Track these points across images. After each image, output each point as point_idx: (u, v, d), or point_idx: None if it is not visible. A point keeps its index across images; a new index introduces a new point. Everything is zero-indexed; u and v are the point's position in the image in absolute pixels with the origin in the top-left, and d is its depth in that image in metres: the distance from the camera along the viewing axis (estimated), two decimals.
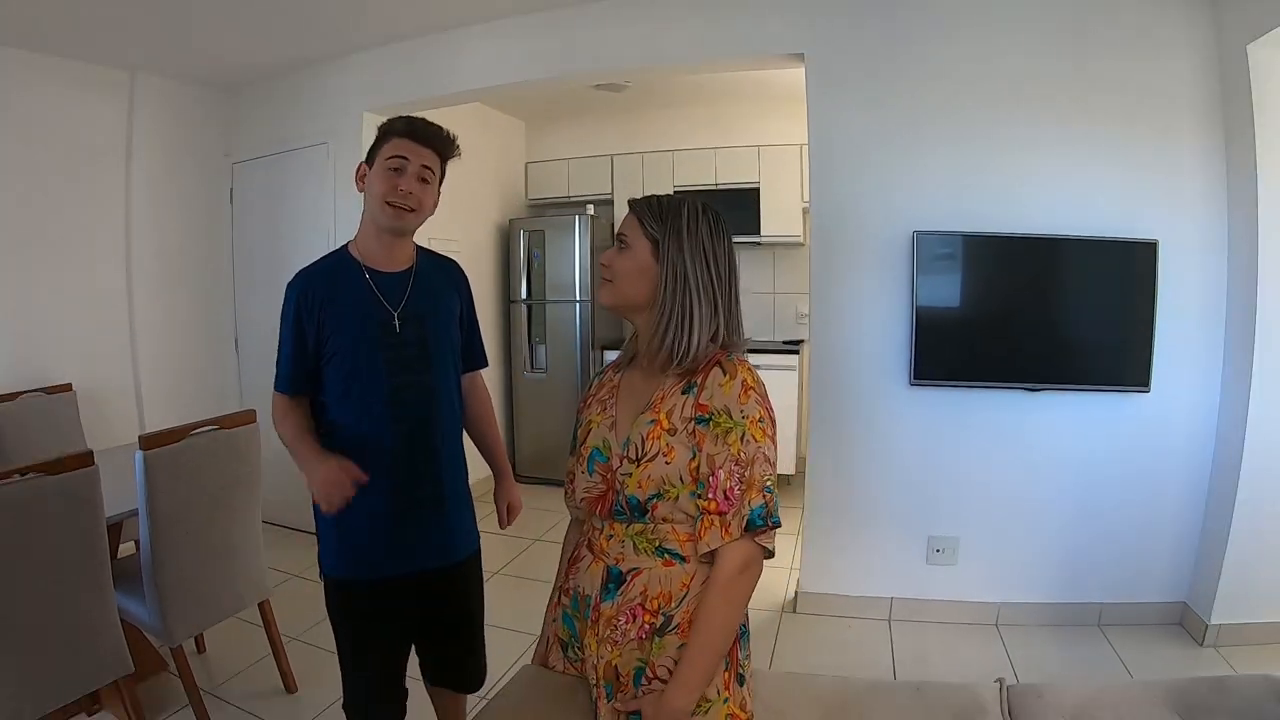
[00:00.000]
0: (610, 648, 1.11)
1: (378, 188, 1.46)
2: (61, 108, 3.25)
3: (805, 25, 2.77)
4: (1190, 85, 2.51)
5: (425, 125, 1.48)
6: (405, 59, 3.38)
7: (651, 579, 1.10)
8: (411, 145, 1.46)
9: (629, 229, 1.15)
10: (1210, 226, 2.55)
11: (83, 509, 1.73)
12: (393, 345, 1.48)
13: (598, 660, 1.13)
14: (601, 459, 1.14)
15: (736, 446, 1.04)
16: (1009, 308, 2.70)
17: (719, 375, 1.10)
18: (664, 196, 1.17)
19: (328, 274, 1.51)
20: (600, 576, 1.14)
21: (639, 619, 1.10)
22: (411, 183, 1.45)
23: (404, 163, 1.45)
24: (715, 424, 1.06)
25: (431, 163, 1.48)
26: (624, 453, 1.11)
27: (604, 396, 1.22)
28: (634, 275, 1.13)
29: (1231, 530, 2.47)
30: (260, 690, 2.35)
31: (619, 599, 1.11)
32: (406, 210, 1.47)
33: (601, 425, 1.17)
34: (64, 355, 3.27)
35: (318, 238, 3.68)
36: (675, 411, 1.10)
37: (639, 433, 1.10)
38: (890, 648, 2.63)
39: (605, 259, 1.16)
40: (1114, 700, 1.28)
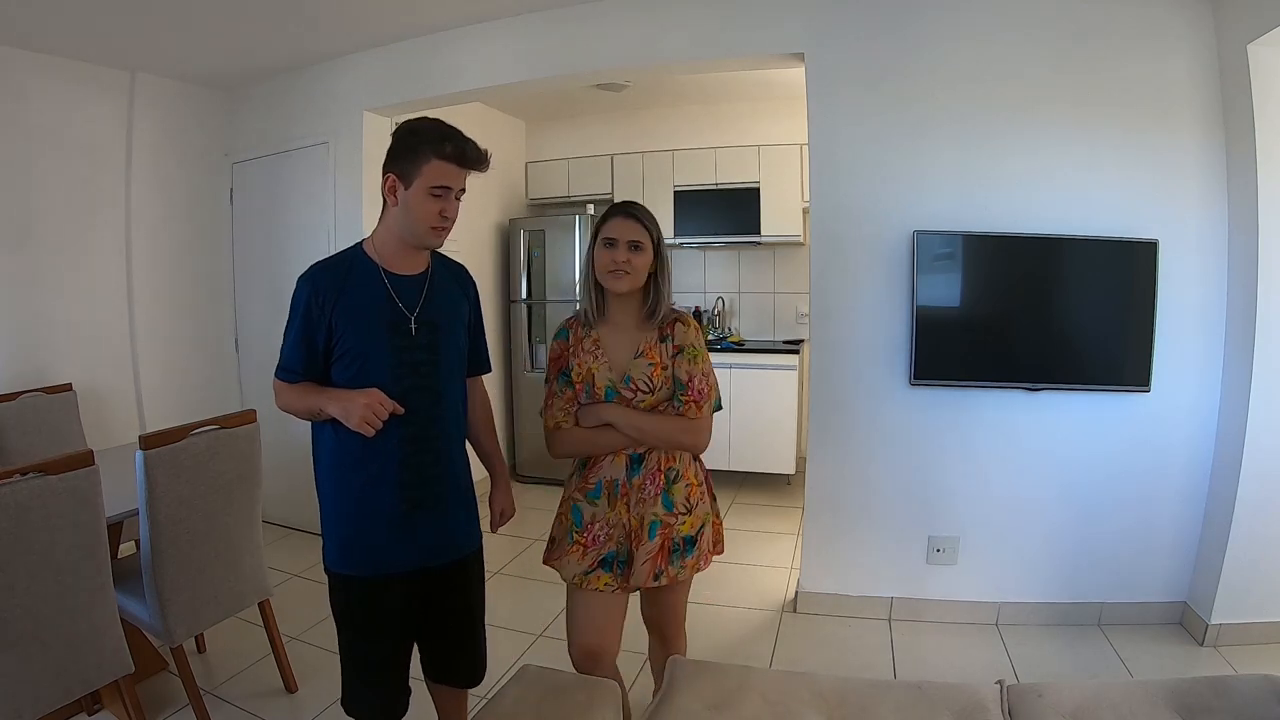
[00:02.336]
0: (641, 506, 1.67)
1: (420, 213, 1.44)
2: (61, 107, 3.25)
3: (805, 25, 2.77)
4: (1190, 84, 2.51)
5: (472, 148, 1.45)
6: (405, 59, 3.38)
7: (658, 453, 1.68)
8: (456, 171, 1.44)
9: (640, 235, 1.63)
10: (1210, 226, 2.55)
11: (83, 509, 1.73)
12: (405, 348, 1.48)
13: (630, 520, 1.67)
14: (613, 394, 1.66)
15: (702, 365, 1.68)
16: (1009, 307, 2.70)
17: (681, 326, 1.69)
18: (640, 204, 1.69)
19: (343, 271, 1.49)
20: (624, 463, 1.68)
21: (655, 480, 1.68)
22: (453, 207, 1.46)
23: (448, 190, 1.44)
24: (685, 354, 1.67)
25: (465, 182, 1.49)
26: (631, 387, 1.65)
27: (589, 349, 1.68)
28: (643, 268, 1.64)
29: (1232, 530, 2.47)
30: (260, 690, 2.35)
31: (642, 472, 1.68)
32: (446, 231, 1.48)
33: (602, 370, 1.66)
34: (64, 355, 3.27)
35: (318, 238, 3.68)
36: (661, 354, 1.67)
37: (643, 374, 1.65)
38: (890, 647, 2.63)
39: (623, 258, 1.62)
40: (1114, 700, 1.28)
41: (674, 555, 1.67)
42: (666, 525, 1.66)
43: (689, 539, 1.68)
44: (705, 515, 1.74)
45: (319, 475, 1.55)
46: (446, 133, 1.44)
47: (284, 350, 1.52)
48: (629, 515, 1.67)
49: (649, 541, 1.65)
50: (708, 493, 1.78)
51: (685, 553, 1.68)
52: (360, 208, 3.52)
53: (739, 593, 3.07)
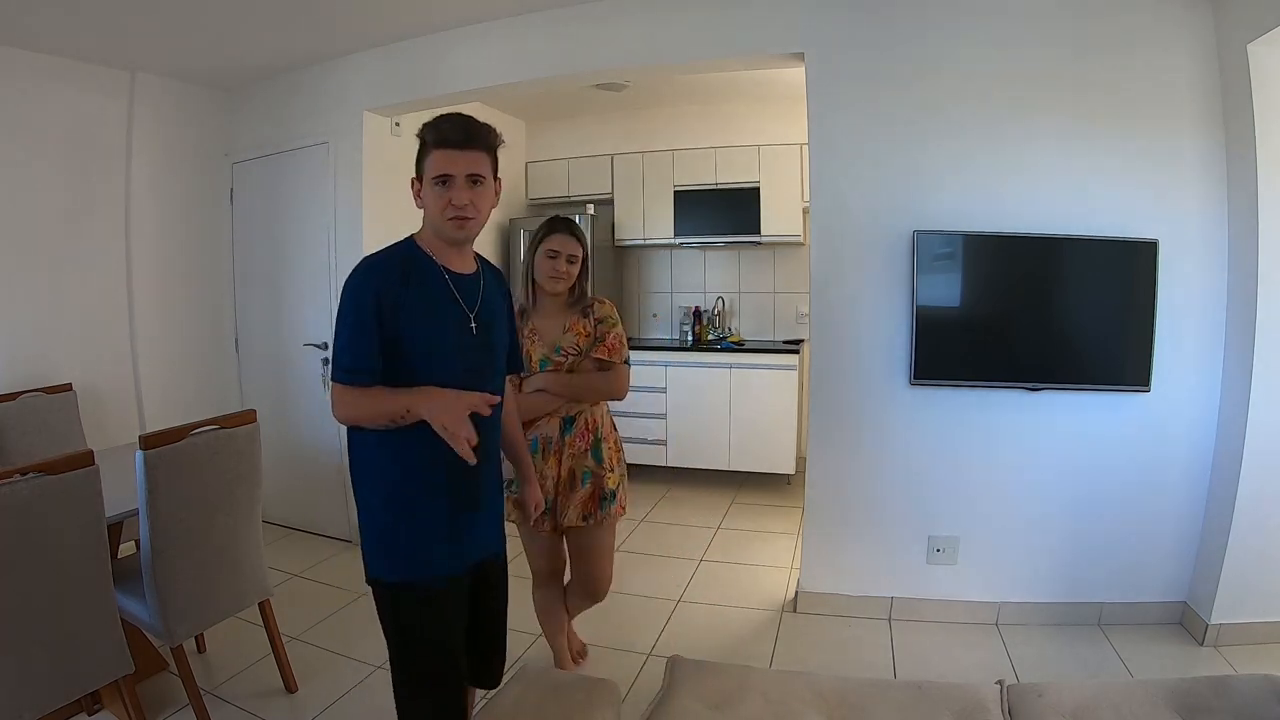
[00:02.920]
0: (573, 460, 2.09)
1: (431, 206, 1.42)
2: (61, 107, 3.25)
3: (805, 24, 2.77)
4: (1190, 84, 2.51)
5: (454, 128, 1.40)
6: (405, 58, 3.38)
7: (585, 414, 2.12)
8: (450, 154, 1.39)
9: (577, 250, 2.07)
10: (1210, 226, 2.55)
11: (83, 509, 1.73)
12: (468, 347, 1.46)
13: (560, 473, 2.08)
14: (547, 364, 2.07)
15: (615, 329, 2.12)
16: (1009, 307, 2.70)
17: (599, 305, 2.14)
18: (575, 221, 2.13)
19: (402, 265, 1.43)
20: (558, 425, 2.08)
21: (585, 437, 2.11)
22: (462, 193, 1.40)
23: (449, 177, 1.39)
24: (605, 323, 2.12)
25: (477, 164, 1.41)
26: (562, 354, 2.07)
27: (528, 336, 2.08)
28: (575, 274, 2.10)
29: (1232, 529, 2.47)
30: (261, 690, 2.35)
31: (574, 430, 2.09)
32: (465, 219, 1.42)
33: (537, 349, 2.07)
34: (64, 355, 3.27)
35: (318, 238, 3.68)
36: (585, 326, 2.11)
37: (570, 342, 2.08)
38: (890, 647, 2.63)
39: (563, 268, 2.05)
40: (1114, 700, 1.28)
41: (602, 503, 2.11)
42: (598, 476, 2.11)
43: (612, 492, 2.13)
44: (622, 476, 2.19)
45: (361, 484, 1.49)
46: (439, 119, 1.41)
47: (347, 352, 1.40)
48: (560, 469, 2.08)
49: (581, 489, 2.09)
50: (621, 459, 2.22)
51: (610, 502, 2.12)
52: (360, 208, 3.52)
53: (739, 593, 3.07)
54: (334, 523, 3.75)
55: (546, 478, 2.06)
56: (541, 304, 2.11)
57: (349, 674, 2.44)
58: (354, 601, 2.98)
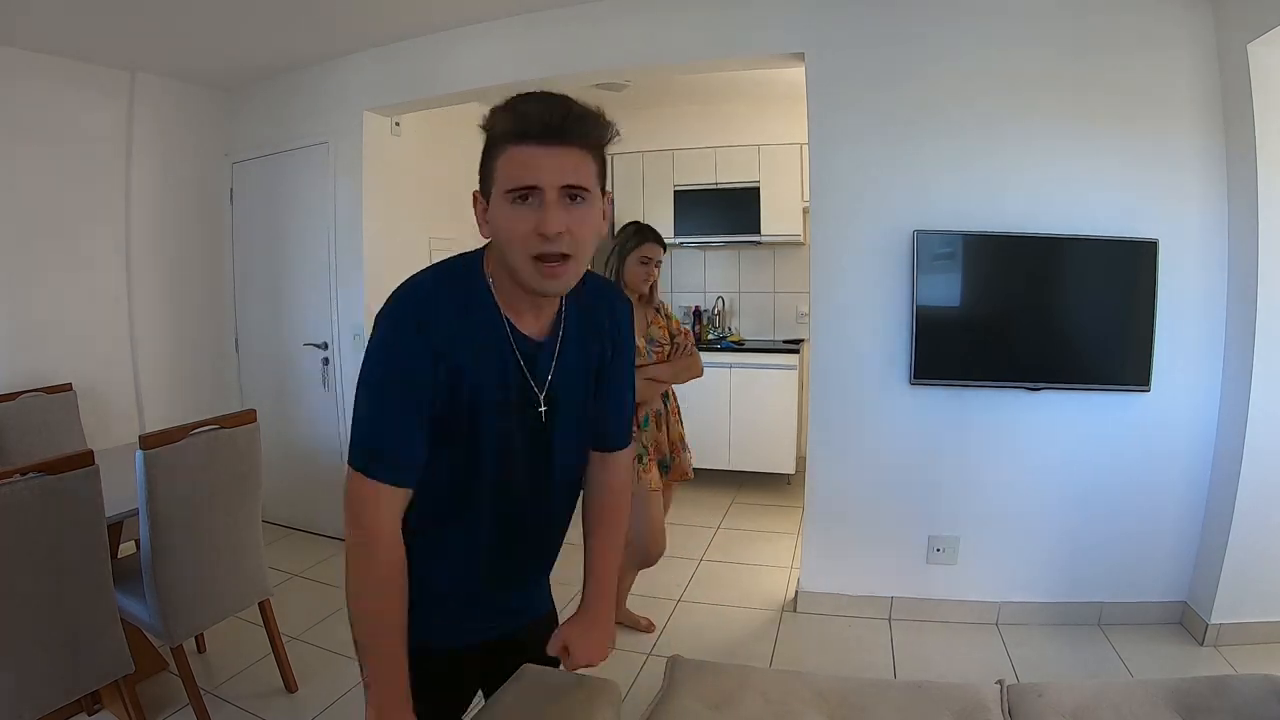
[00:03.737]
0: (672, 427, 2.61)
1: (506, 235, 0.94)
2: (61, 107, 3.25)
3: (805, 24, 2.77)
4: (1190, 84, 2.51)
5: (544, 110, 0.93)
6: (405, 58, 3.38)
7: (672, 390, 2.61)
8: (534, 152, 0.91)
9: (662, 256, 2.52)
10: (1210, 226, 2.55)
11: (83, 509, 1.73)
12: (517, 430, 1.04)
13: (671, 435, 2.59)
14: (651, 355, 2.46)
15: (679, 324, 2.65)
16: (1009, 307, 2.70)
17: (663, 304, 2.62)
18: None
19: (459, 315, 0.98)
20: (660, 398, 2.54)
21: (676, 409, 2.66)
22: (555, 216, 0.91)
23: (533, 190, 0.92)
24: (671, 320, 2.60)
25: (578, 169, 0.94)
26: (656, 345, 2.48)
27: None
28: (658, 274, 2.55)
29: (1232, 529, 2.47)
30: (261, 690, 2.35)
31: (669, 401, 2.60)
32: (561, 260, 0.93)
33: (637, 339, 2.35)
34: (64, 355, 3.27)
35: (318, 237, 3.68)
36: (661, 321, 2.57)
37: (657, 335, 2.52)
38: (890, 647, 2.63)
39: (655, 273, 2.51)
40: (1114, 700, 1.28)
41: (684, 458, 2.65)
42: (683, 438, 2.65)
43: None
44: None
45: None
46: (517, 99, 0.96)
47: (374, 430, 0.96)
48: (669, 432, 2.57)
49: (686, 451, 2.66)
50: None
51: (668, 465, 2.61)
52: (360, 208, 3.52)
53: (739, 592, 3.07)
54: (334, 522, 3.75)
55: (662, 443, 2.53)
56: None
57: (349, 674, 2.44)
58: None
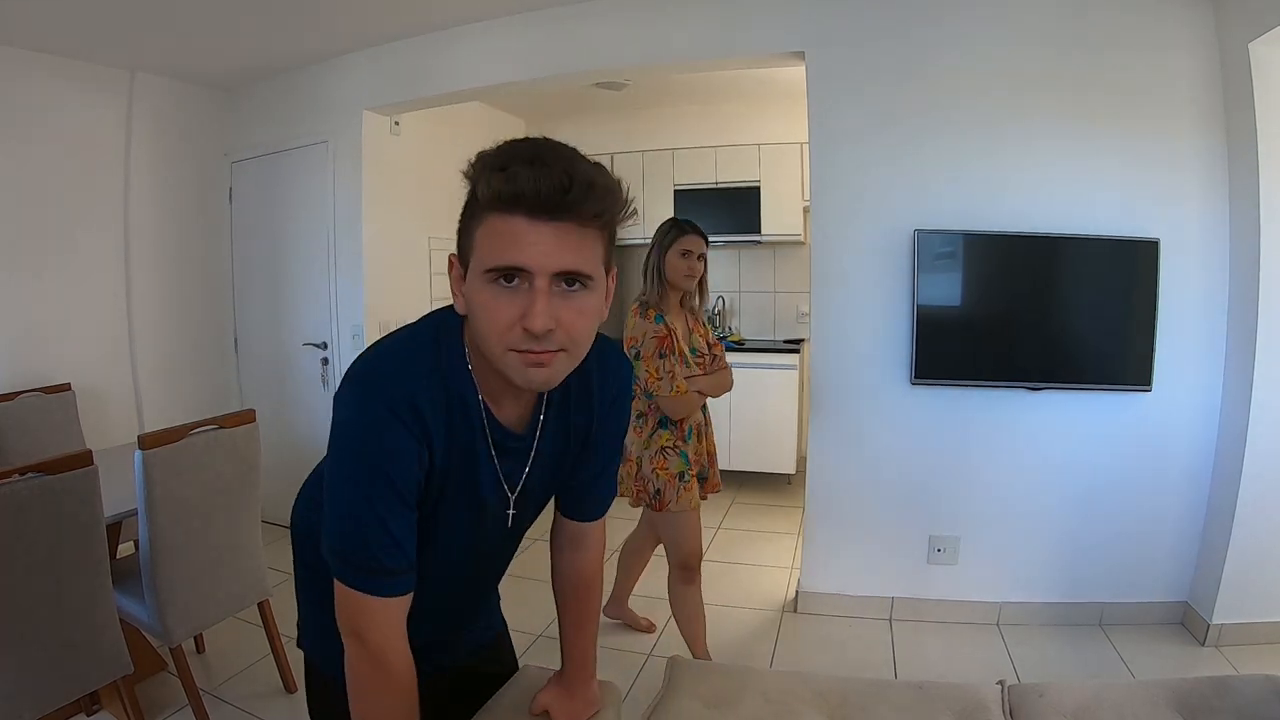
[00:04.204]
0: (710, 438, 2.41)
1: (484, 320, 0.80)
2: (60, 106, 3.25)
3: (805, 23, 2.77)
4: (1192, 83, 2.51)
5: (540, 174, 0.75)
6: (405, 57, 3.38)
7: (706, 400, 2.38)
8: (527, 228, 0.76)
9: (704, 248, 2.31)
10: (1212, 225, 2.55)
11: (82, 509, 1.73)
12: (489, 533, 1.00)
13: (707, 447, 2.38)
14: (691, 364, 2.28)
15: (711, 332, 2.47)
16: (1010, 307, 2.70)
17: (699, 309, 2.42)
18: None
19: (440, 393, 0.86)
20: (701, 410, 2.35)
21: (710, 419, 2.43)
22: (546, 311, 0.77)
23: (520, 271, 0.77)
24: (707, 328, 2.44)
25: (579, 252, 0.79)
26: (698, 354, 2.33)
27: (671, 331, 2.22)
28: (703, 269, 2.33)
29: (1234, 529, 2.47)
30: (260, 690, 2.35)
31: (706, 412, 2.39)
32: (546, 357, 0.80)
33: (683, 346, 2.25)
34: (62, 355, 3.26)
35: (317, 237, 3.68)
36: (700, 328, 2.40)
37: (699, 344, 2.35)
38: (891, 647, 2.63)
39: (697, 266, 2.28)
40: (1116, 700, 1.28)
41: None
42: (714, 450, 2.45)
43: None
44: None
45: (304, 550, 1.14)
46: (510, 153, 0.78)
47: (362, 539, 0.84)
48: (706, 444, 2.38)
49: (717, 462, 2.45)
50: None
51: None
52: (359, 207, 3.52)
53: (739, 593, 3.07)
54: None
55: (701, 455, 2.35)
56: (669, 300, 2.28)
57: None
58: None
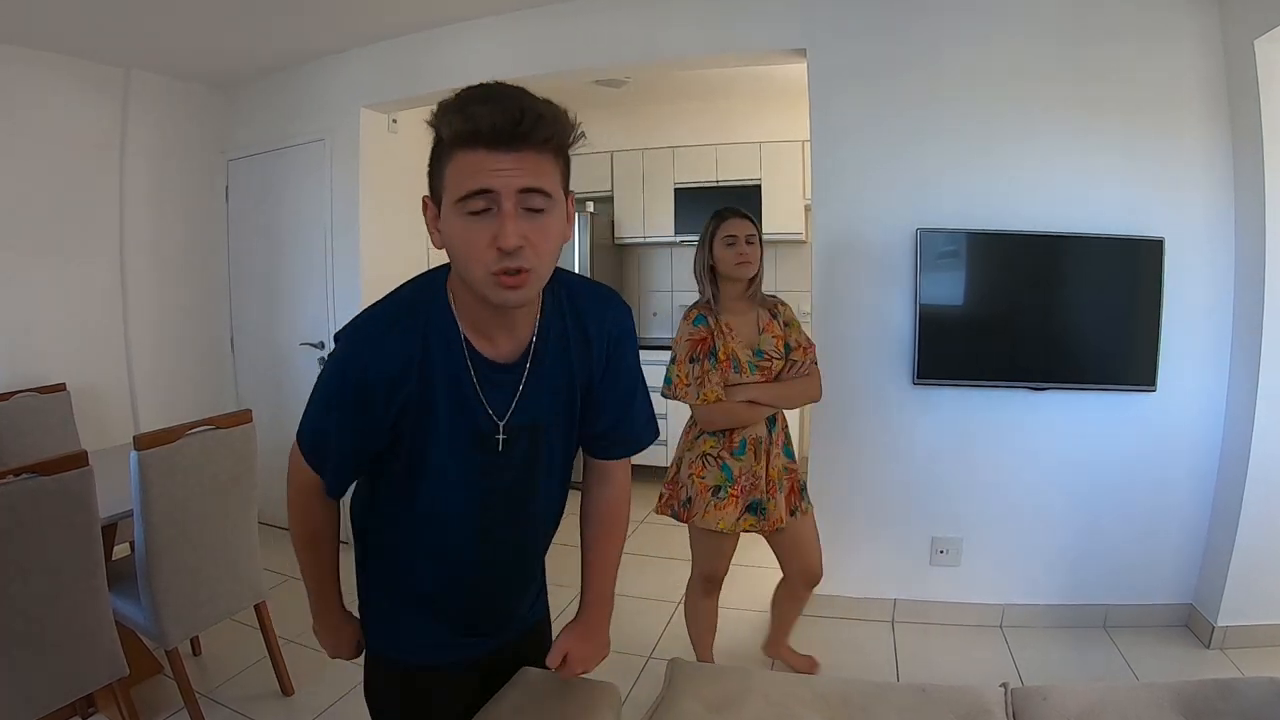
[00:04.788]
0: (776, 459, 2.11)
1: (462, 250, 0.89)
2: (55, 104, 3.25)
3: (807, 20, 2.77)
4: (1197, 81, 2.51)
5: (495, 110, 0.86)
6: (403, 54, 3.38)
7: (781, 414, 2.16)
8: (488, 158, 0.85)
9: (753, 230, 2.07)
10: (1217, 224, 2.55)
11: (77, 510, 1.73)
12: (490, 468, 1.04)
13: (770, 470, 2.09)
14: (755, 368, 2.06)
15: (806, 334, 2.16)
16: (1013, 306, 2.70)
17: (783, 307, 2.17)
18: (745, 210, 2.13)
19: (417, 342, 0.97)
20: (765, 424, 2.10)
21: (781, 437, 2.16)
22: (514, 229, 0.86)
23: (490, 197, 0.86)
24: (792, 326, 2.14)
25: (538, 174, 0.89)
26: (765, 358, 2.07)
27: (725, 332, 2.06)
28: (758, 257, 2.08)
29: (1239, 530, 2.47)
30: (257, 693, 2.35)
31: (776, 429, 2.14)
32: (519, 274, 0.88)
33: (740, 348, 2.05)
34: (57, 355, 3.27)
35: (315, 235, 3.68)
36: (777, 328, 2.11)
37: (770, 345, 2.09)
38: (893, 649, 2.63)
39: (744, 250, 2.04)
40: (1120, 703, 1.28)
41: (803, 493, 2.21)
42: (791, 471, 2.18)
43: (804, 484, 2.22)
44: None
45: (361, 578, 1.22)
46: (466, 96, 0.90)
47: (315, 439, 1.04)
48: (768, 467, 2.09)
49: (783, 485, 2.13)
50: None
51: (805, 494, 2.21)
52: (357, 205, 3.52)
53: (740, 594, 3.06)
54: None
55: (759, 478, 2.07)
56: (726, 297, 2.10)
57: (346, 677, 2.44)
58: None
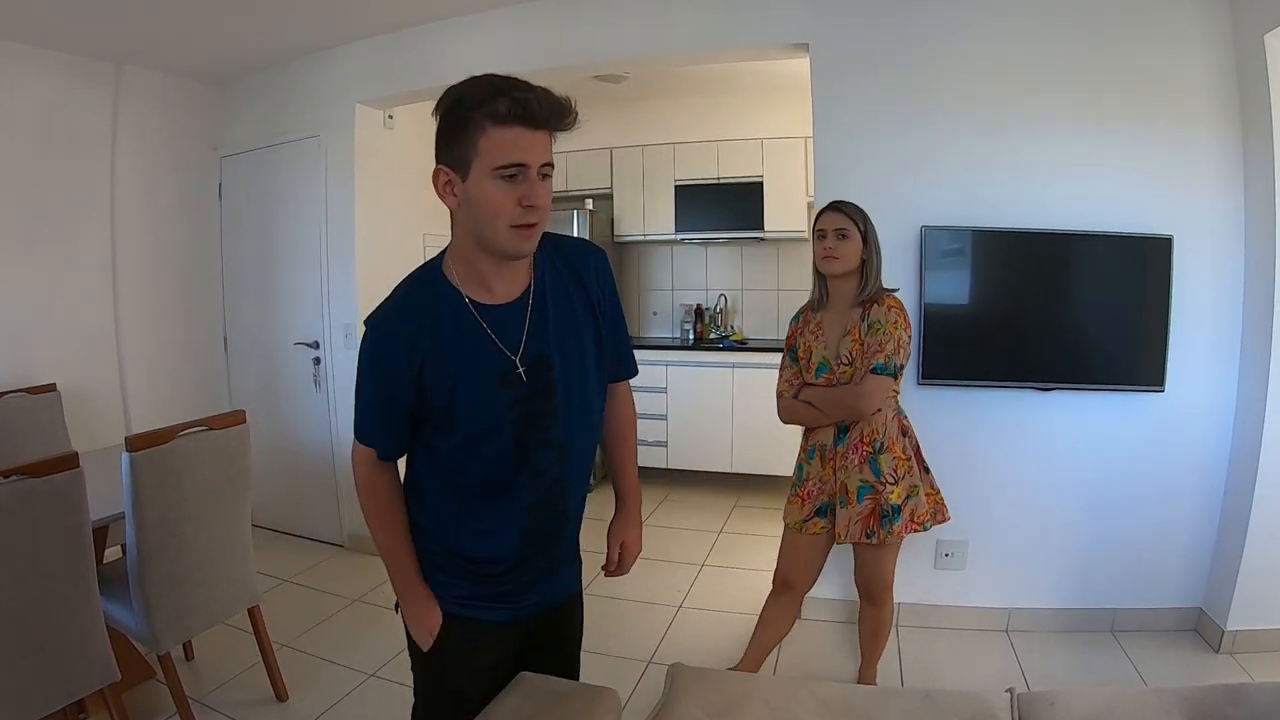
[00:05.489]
0: (844, 472, 2.00)
1: (490, 209, 1.07)
2: (45, 100, 3.25)
3: (809, 14, 2.77)
4: (1206, 76, 2.51)
5: (536, 99, 1.05)
6: (399, 49, 3.38)
7: (863, 424, 1.99)
8: (527, 135, 1.05)
9: (844, 224, 1.99)
10: (1226, 221, 2.55)
11: (68, 512, 1.73)
12: (518, 400, 1.18)
13: (835, 483, 2.02)
14: (825, 369, 2.01)
15: (879, 336, 1.94)
16: (1019, 305, 2.70)
17: (878, 306, 1.99)
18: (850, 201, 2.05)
19: (423, 312, 1.17)
20: (832, 433, 2.03)
21: (859, 450, 1.99)
22: (537, 191, 1.07)
23: (523, 167, 1.06)
24: (873, 328, 1.96)
25: (550, 152, 1.10)
26: (840, 361, 2.00)
27: (813, 330, 2.06)
28: (851, 253, 2.00)
29: (1249, 533, 2.46)
30: (250, 699, 2.35)
31: (846, 441, 2.01)
32: (532, 227, 1.10)
33: (818, 349, 2.03)
34: (48, 354, 3.27)
35: (309, 233, 3.68)
36: (859, 331, 1.98)
37: (846, 349, 1.99)
38: (898, 654, 2.63)
39: (830, 245, 1.99)
40: (1128, 709, 1.28)
41: (884, 519, 1.98)
42: (876, 491, 1.99)
43: (895, 507, 1.99)
44: (914, 486, 2.03)
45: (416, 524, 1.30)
46: (500, 85, 1.07)
47: (361, 417, 1.24)
48: (834, 476, 2.04)
49: (858, 504, 2.00)
50: (918, 465, 2.08)
51: (894, 519, 1.98)
52: (352, 203, 3.52)
53: (742, 598, 3.07)
54: (325, 527, 3.75)
55: (826, 483, 2.05)
56: (833, 295, 2.07)
57: (341, 682, 2.44)
58: (346, 607, 2.98)
